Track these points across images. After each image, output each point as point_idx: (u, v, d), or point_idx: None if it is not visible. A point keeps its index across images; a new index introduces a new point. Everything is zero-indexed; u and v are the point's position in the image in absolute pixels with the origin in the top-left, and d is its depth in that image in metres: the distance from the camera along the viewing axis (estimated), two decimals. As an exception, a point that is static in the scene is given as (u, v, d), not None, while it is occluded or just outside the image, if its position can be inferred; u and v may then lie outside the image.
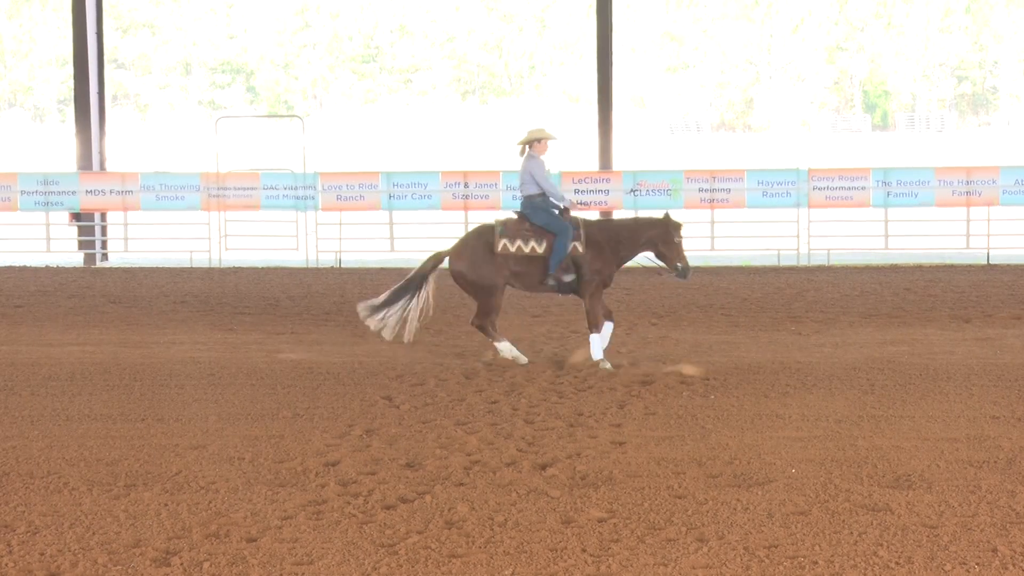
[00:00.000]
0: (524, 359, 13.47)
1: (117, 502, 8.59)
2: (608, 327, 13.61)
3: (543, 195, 13.72)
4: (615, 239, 13.70)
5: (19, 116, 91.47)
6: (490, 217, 14.93)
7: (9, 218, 25.11)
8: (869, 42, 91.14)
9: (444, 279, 14.11)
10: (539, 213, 13.64)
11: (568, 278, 13.59)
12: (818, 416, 10.94)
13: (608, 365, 13.21)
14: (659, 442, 10.11)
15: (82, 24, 24.92)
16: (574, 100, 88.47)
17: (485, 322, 13.69)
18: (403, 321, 13.78)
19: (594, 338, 13.49)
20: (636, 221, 14.27)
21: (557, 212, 13.76)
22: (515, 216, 13.87)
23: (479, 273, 13.64)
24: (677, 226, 13.71)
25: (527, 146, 13.84)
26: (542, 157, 13.87)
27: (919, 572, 7.23)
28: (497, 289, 13.66)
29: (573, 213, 13.83)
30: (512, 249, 13.57)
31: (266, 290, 20.23)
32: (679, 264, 13.61)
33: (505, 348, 13.58)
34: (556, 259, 13.50)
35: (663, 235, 13.64)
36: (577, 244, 13.56)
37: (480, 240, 13.73)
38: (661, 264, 13.84)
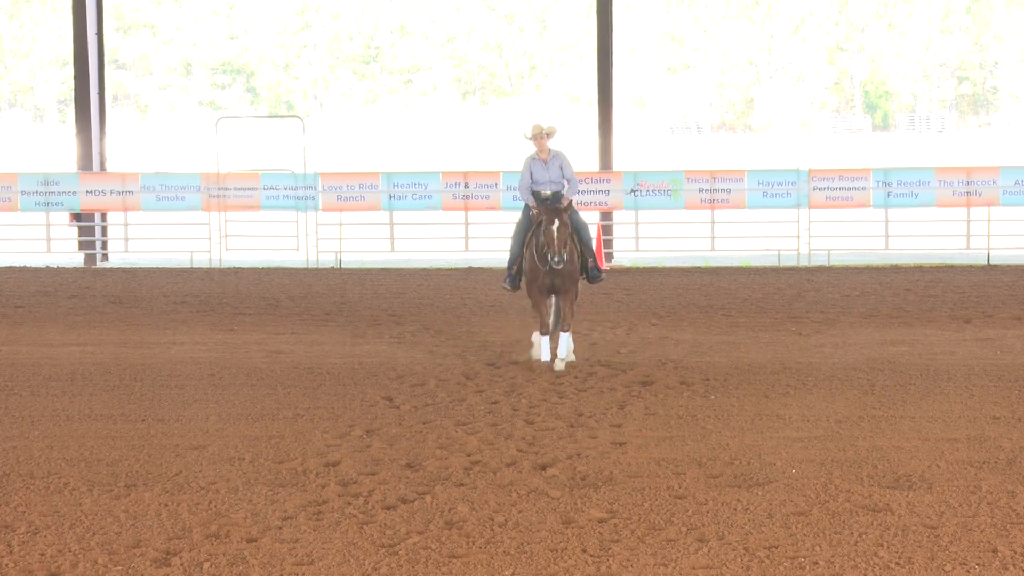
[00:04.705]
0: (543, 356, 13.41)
1: (117, 502, 8.59)
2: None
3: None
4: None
5: (19, 116, 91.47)
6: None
7: (9, 218, 25.11)
8: (870, 42, 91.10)
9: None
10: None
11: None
12: (818, 416, 10.94)
13: (563, 366, 13.12)
14: (659, 442, 10.12)
15: (82, 24, 24.91)
16: (574, 100, 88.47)
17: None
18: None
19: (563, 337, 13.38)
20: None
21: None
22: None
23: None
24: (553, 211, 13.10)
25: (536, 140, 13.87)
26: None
27: (919, 572, 7.23)
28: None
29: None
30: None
31: (266, 290, 20.23)
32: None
33: (536, 340, 13.58)
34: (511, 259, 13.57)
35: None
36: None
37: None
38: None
